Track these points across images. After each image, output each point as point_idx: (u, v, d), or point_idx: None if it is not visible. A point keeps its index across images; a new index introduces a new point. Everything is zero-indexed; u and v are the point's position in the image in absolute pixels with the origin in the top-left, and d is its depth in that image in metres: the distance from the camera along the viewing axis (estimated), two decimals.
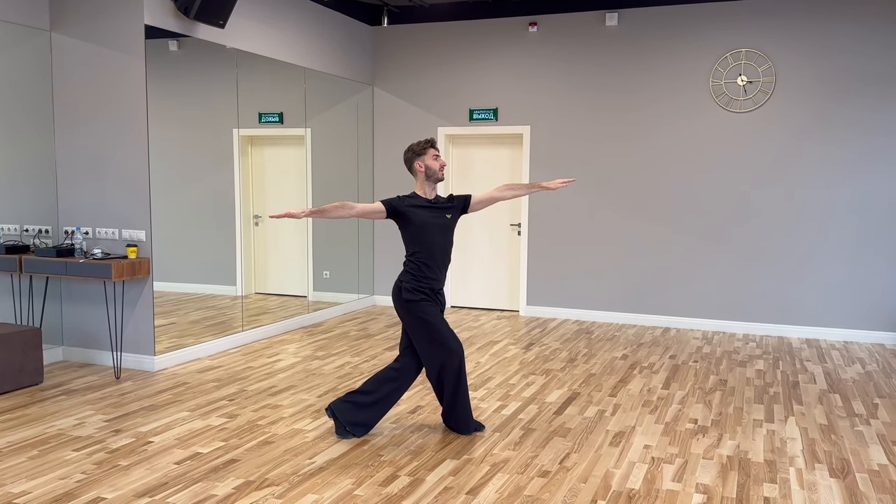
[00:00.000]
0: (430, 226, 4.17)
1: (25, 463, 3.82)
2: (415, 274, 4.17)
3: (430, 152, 4.23)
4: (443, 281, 4.25)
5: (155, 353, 5.66)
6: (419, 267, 4.17)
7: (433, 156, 4.23)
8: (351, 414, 4.20)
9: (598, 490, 3.55)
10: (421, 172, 4.24)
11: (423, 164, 4.22)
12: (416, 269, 4.17)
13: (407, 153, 4.27)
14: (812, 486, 3.64)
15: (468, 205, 4.35)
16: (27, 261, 5.41)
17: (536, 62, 7.89)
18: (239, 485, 3.57)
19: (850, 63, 6.88)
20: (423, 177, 4.24)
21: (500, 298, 8.38)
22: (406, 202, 4.17)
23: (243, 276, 6.65)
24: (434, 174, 4.23)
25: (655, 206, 7.57)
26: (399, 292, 4.17)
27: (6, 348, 5.00)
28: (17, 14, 5.46)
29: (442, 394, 4.28)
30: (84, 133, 5.73)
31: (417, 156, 4.23)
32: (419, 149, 4.24)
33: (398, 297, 4.18)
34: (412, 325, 4.17)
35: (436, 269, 4.20)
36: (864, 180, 6.90)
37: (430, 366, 4.19)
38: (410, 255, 4.20)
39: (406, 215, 4.15)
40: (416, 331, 4.16)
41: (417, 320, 4.14)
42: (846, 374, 5.81)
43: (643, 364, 6.02)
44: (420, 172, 4.24)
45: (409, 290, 4.14)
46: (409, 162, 4.26)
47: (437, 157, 4.24)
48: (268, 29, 6.74)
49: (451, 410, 4.29)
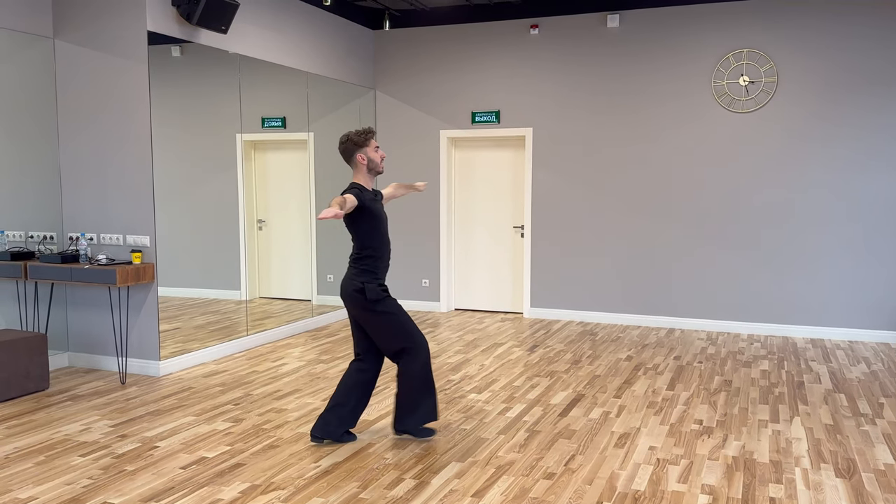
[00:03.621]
0: (382, 219, 4.06)
1: (32, 468, 3.83)
2: (373, 272, 4.01)
3: (372, 143, 4.03)
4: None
5: (160, 358, 5.67)
6: (374, 262, 4.01)
7: (374, 147, 4.05)
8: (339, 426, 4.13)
9: (604, 492, 3.55)
10: (363, 164, 4.03)
11: (365, 157, 4.02)
12: (373, 265, 4.01)
13: (346, 143, 4.02)
14: (818, 486, 3.64)
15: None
16: (32, 267, 5.43)
17: (538, 64, 7.89)
18: (245, 489, 3.58)
19: (852, 62, 6.87)
20: (364, 169, 4.03)
21: (503, 301, 8.38)
22: (364, 195, 3.96)
23: (247, 281, 6.66)
24: (376, 166, 4.05)
25: (658, 207, 7.57)
26: (360, 293, 3.98)
27: (12, 354, 5.02)
28: (20, 21, 5.48)
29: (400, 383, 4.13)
30: (88, 139, 5.75)
31: (359, 147, 4.01)
32: (360, 140, 4.01)
33: (357, 298, 3.98)
34: (378, 323, 4.01)
35: (387, 262, 4.08)
36: (868, 179, 6.89)
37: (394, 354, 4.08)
38: (364, 251, 4.00)
39: (368, 209, 3.96)
40: (384, 328, 4.02)
41: (384, 317, 4.01)
42: (851, 373, 5.80)
43: (648, 365, 6.02)
44: (362, 164, 4.03)
45: (372, 290, 3.97)
46: (349, 153, 4.03)
47: (378, 149, 4.07)
48: (270, 34, 6.76)
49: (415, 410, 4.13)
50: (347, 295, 4.03)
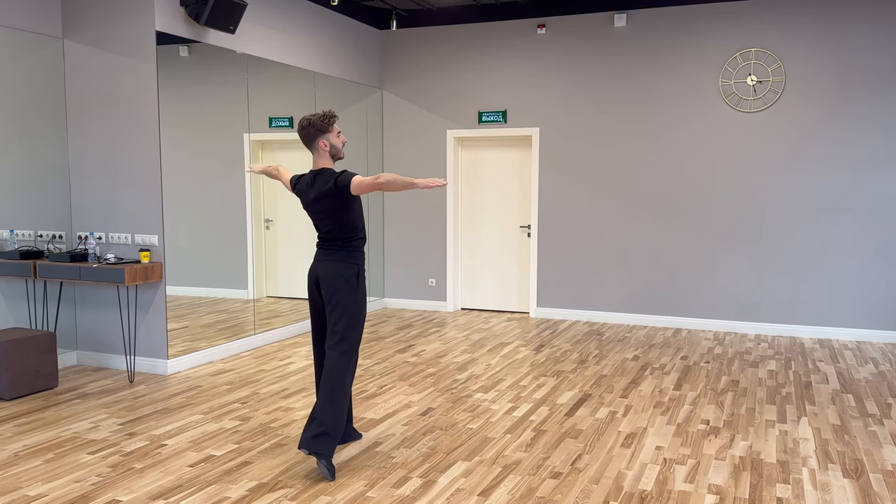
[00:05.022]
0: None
1: (41, 466, 3.86)
2: (362, 258, 3.88)
3: (335, 129, 3.82)
4: None
5: (168, 356, 5.70)
6: (362, 246, 3.89)
7: (336, 132, 3.83)
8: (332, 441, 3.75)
9: (611, 491, 3.55)
10: (325, 150, 3.80)
11: (327, 143, 3.79)
12: (362, 251, 3.89)
13: (307, 128, 3.77)
14: (825, 486, 3.63)
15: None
16: (41, 266, 5.46)
17: (545, 64, 7.89)
18: (252, 487, 3.60)
19: (859, 60, 6.85)
20: (327, 155, 3.82)
21: (510, 300, 8.38)
22: None
23: (255, 280, 6.68)
24: (338, 152, 3.85)
25: (666, 207, 7.56)
26: (356, 278, 3.80)
27: (21, 353, 5.05)
28: (30, 22, 5.52)
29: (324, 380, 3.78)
30: (96, 139, 5.78)
31: (321, 133, 3.78)
32: (322, 125, 3.77)
33: (353, 282, 3.78)
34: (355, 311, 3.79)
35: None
36: (876, 178, 6.87)
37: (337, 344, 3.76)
38: (357, 236, 3.84)
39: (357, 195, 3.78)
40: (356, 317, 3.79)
41: (361, 306, 3.83)
42: (859, 373, 5.78)
43: (654, 365, 6.01)
44: (324, 151, 3.80)
45: (363, 277, 3.86)
46: (311, 138, 3.79)
47: (340, 134, 3.86)
48: (277, 34, 6.78)
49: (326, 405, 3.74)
50: (334, 278, 3.76)
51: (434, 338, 7.03)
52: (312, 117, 3.79)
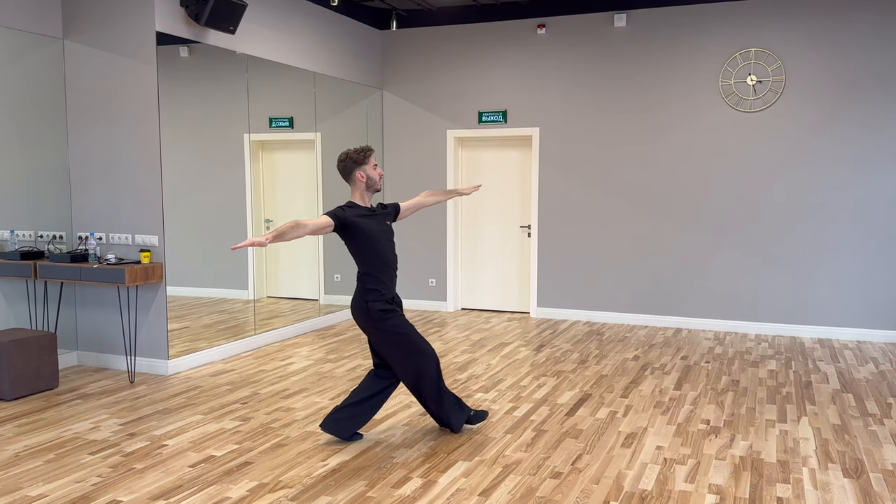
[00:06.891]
0: (378, 234, 4.08)
1: (42, 466, 3.86)
2: (377, 289, 4.05)
3: (371, 161, 4.10)
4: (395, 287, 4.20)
5: (168, 357, 5.70)
6: (379, 280, 4.06)
7: (373, 165, 4.11)
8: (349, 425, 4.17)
9: (611, 491, 3.56)
10: (361, 182, 4.10)
11: (364, 174, 4.09)
12: (377, 282, 4.05)
13: (345, 161, 4.09)
14: (825, 486, 3.63)
15: (398, 212, 4.38)
16: (42, 266, 5.46)
17: (545, 64, 7.89)
18: (253, 487, 3.60)
19: (860, 60, 6.85)
20: (362, 186, 4.11)
21: (510, 300, 8.39)
22: (350, 213, 4.01)
23: (255, 280, 6.69)
24: (374, 184, 4.12)
25: (666, 207, 7.56)
26: (367, 312, 4.03)
27: (22, 353, 5.05)
28: (30, 22, 5.52)
29: (424, 400, 4.24)
30: (97, 139, 5.79)
31: (358, 165, 4.08)
32: (359, 157, 4.08)
33: (367, 316, 4.04)
34: (387, 341, 4.07)
35: (392, 278, 4.13)
36: (876, 178, 6.87)
37: (408, 375, 4.13)
38: (366, 269, 4.06)
39: (355, 225, 3.99)
40: (393, 345, 4.08)
41: (393, 335, 4.06)
42: (859, 373, 5.78)
43: (655, 365, 6.01)
44: (360, 182, 4.10)
45: (378, 310, 4.03)
46: (348, 171, 4.10)
47: (376, 167, 4.14)
48: (277, 34, 6.78)
49: (439, 411, 4.27)
50: (355, 313, 4.10)
51: (434, 338, 7.03)
52: (350, 151, 4.10)
